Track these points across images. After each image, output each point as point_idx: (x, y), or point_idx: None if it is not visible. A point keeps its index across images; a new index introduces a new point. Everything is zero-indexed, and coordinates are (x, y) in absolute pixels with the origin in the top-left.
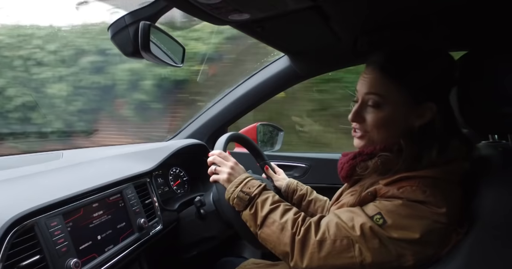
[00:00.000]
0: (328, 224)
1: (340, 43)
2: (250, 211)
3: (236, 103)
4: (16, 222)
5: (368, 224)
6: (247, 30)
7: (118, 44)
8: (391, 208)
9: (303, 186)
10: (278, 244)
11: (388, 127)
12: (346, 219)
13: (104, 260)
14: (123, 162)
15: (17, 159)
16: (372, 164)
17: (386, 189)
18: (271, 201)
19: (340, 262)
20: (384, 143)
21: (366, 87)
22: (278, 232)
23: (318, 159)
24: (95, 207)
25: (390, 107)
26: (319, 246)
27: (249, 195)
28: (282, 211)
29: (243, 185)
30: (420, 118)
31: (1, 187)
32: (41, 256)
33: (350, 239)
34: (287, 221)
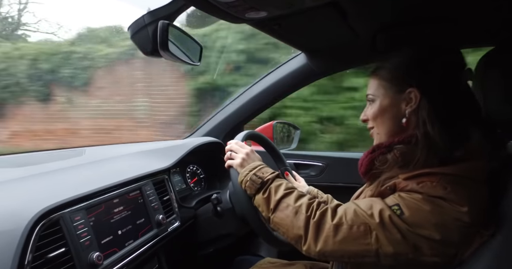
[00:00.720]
0: (346, 210)
1: (358, 40)
2: (263, 195)
3: (253, 101)
4: (43, 215)
5: (387, 212)
6: (264, 28)
7: (137, 43)
8: (410, 201)
9: (323, 194)
10: (292, 227)
11: (383, 116)
12: (365, 207)
13: (124, 254)
14: (142, 159)
15: (42, 155)
16: (391, 156)
17: (405, 183)
18: (285, 186)
19: (356, 248)
20: (401, 135)
21: (367, 91)
22: (292, 215)
23: (335, 158)
24: (116, 203)
25: (379, 99)
26: (335, 230)
27: (262, 179)
28: (296, 196)
29: (257, 170)
30: (408, 104)
31: (28, 182)
32: (66, 249)
33: (367, 226)
34: (302, 205)
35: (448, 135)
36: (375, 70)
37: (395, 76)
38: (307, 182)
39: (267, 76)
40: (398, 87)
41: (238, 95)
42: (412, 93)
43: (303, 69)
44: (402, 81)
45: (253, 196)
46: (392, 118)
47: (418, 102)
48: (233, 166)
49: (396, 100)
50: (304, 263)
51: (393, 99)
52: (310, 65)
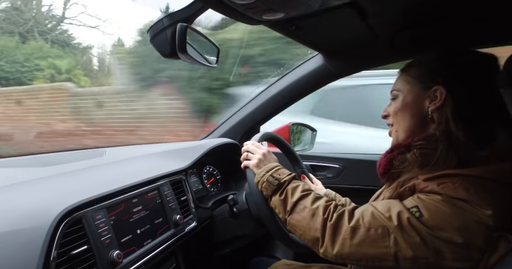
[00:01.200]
0: (363, 212)
1: (377, 40)
2: (280, 197)
3: (269, 103)
4: (66, 214)
5: (405, 215)
6: (281, 29)
7: (156, 46)
8: (429, 203)
9: (341, 198)
10: (308, 229)
11: (404, 112)
12: (382, 209)
13: (143, 253)
14: (160, 160)
15: (65, 156)
16: (410, 156)
17: (425, 184)
18: (302, 188)
19: (374, 251)
20: (421, 134)
21: (392, 88)
22: (309, 218)
23: (352, 159)
24: (135, 203)
25: (403, 94)
26: (352, 233)
27: (279, 180)
28: (313, 198)
29: (273, 171)
30: (432, 102)
31: (53, 181)
32: (88, 247)
33: (385, 229)
34: (319, 207)
35: (471, 134)
36: (404, 68)
37: (424, 73)
38: (324, 185)
39: (284, 77)
40: (425, 84)
41: (254, 97)
42: (438, 90)
43: (320, 70)
44: (429, 78)
45: (269, 198)
46: (413, 115)
47: (443, 100)
48: (249, 166)
49: (420, 97)
50: (321, 266)
51: (417, 95)
52: (327, 66)
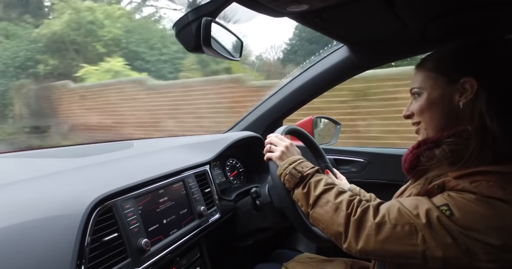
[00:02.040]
0: (389, 208)
1: (406, 30)
2: (303, 190)
3: (292, 96)
4: (98, 203)
5: (435, 212)
6: (305, 21)
7: (181, 41)
8: (461, 202)
9: (366, 193)
10: (331, 224)
11: (432, 109)
12: (410, 205)
13: (169, 242)
14: (185, 152)
15: (94, 147)
16: (439, 152)
17: (456, 182)
18: (325, 182)
19: (400, 248)
20: (450, 130)
21: (410, 85)
22: (332, 212)
23: (377, 154)
24: (161, 193)
25: (427, 91)
26: (377, 229)
27: (302, 173)
28: (336, 192)
29: (297, 164)
30: (462, 95)
31: (84, 171)
32: (119, 234)
33: (413, 226)
34: (342, 201)
35: (506, 129)
36: (421, 63)
37: (445, 66)
38: (348, 179)
39: (308, 70)
40: (449, 78)
41: (277, 90)
42: (468, 83)
43: (345, 62)
44: (453, 71)
45: (291, 190)
46: (443, 111)
47: (475, 93)
48: (272, 158)
49: (448, 91)
50: (345, 261)
51: (444, 90)
52: (352, 58)
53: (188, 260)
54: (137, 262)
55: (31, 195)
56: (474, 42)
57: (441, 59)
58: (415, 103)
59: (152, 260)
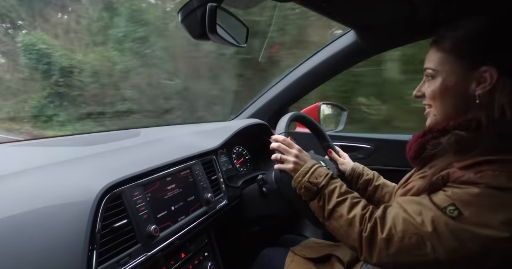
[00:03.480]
0: (394, 219)
1: (417, 13)
2: (319, 203)
3: (299, 82)
4: (107, 190)
5: (440, 218)
6: (311, 6)
7: (186, 27)
8: (467, 198)
9: (369, 171)
10: (347, 238)
11: (445, 95)
12: (414, 212)
13: (177, 228)
14: (191, 140)
15: (102, 136)
16: (445, 141)
17: (460, 173)
18: (338, 193)
19: (411, 259)
20: (457, 118)
21: (425, 63)
22: (346, 227)
23: (384, 140)
24: (169, 181)
25: (442, 76)
26: (386, 244)
27: (317, 186)
28: (349, 205)
29: (310, 174)
30: (479, 84)
31: (93, 160)
32: (128, 220)
33: (420, 236)
34: (355, 216)
35: None
36: (438, 39)
37: (467, 50)
38: None
39: (313, 56)
40: (469, 64)
41: (283, 76)
42: (487, 72)
43: (352, 47)
44: (475, 57)
45: (308, 201)
46: (456, 100)
47: (493, 83)
48: (285, 171)
49: (465, 79)
50: None
51: (461, 77)
52: (360, 43)
53: (196, 246)
54: (147, 247)
55: (44, 182)
56: (499, 25)
57: (462, 40)
58: (428, 85)
59: (162, 245)
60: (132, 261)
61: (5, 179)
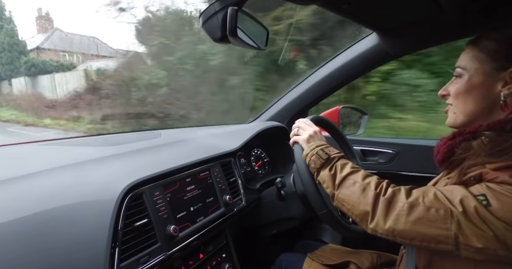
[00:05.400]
0: (424, 192)
1: (443, 14)
2: (330, 172)
3: (318, 85)
4: (129, 189)
5: (472, 202)
6: (333, 8)
7: (207, 31)
8: (500, 193)
9: None
10: (358, 204)
11: (469, 94)
12: (446, 191)
13: (196, 229)
14: (211, 142)
15: (124, 137)
16: (476, 144)
17: (494, 174)
18: (352, 165)
19: (431, 231)
20: (491, 120)
21: (456, 63)
22: (359, 192)
23: (407, 145)
24: (188, 182)
25: (469, 74)
26: (409, 209)
27: (329, 155)
28: (364, 174)
29: (324, 146)
30: (506, 85)
31: (116, 160)
32: (149, 220)
33: (448, 210)
34: (370, 182)
35: None
36: (474, 40)
37: (500, 50)
38: (375, 170)
39: (334, 59)
40: (499, 64)
41: (303, 79)
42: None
43: (373, 50)
44: (506, 57)
45: (317, 172)
46: (479, 99)
47: None
48: (298, 141)
49: (491, 78)
50: (370, 253)
51: (487, 76)
52: (382, 45)
53: (214, 247)
54: (167, 247)
55: (70, 181)
56: None
57: (498, 40)
58: (454, 84)
59: (181, 245)
60: (152, 260)
61: (35, 177)
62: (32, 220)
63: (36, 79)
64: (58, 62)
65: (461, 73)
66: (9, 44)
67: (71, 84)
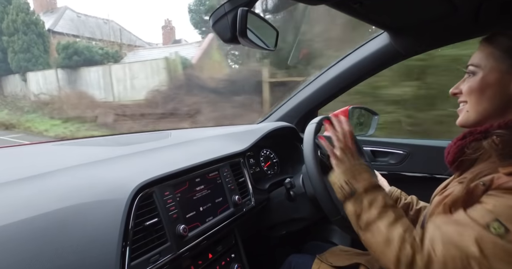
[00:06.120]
0: (432, 242)
1: (456, 12)
2: (354, 208)
3: (328, 85)
4: (140, 189)
5: (486, 238)
6: (343, 8)
7: (217, 32)
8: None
9: (407, 196)
10: (382, 257)
11: (482, 93)
12: (454, 233)
13: (205, 229)
14: (220, 142)
15: (134, 137)
16: (487, 144)
17: (506, 179)
18: (381, 202)
19: None
20: (501, 119)
21: (469, 61)
22: (383, 245)
23: (418, 145)
24: (198, 182)
25: (483, 72)
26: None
27: (353, 189)
28: (390, 220)
29: (350, 176)
30: None
31: (127, 159)
32: (159, 219)
33: (465, 259)
34: (394, 235)
35: None
36: (490, 37)
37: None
38: (385, 171)
39: (344, 59)
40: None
41: (313, 79)
42: None
43: (384, 50)
44: None
45: (342, 202)
46: (494, 98)
47: None
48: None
49: (507, 77)
50: None
51: (502, 74)
52: (393, 45)
53: (223, 247)
54: (176, 246)
55: (81, 180)
56: None
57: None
58: (466, 82)
59: (190, 245)
60: (162, 259)
61: (48, 176)
62: (45, 219)
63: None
64: (103, 49)
65: (474, 70)
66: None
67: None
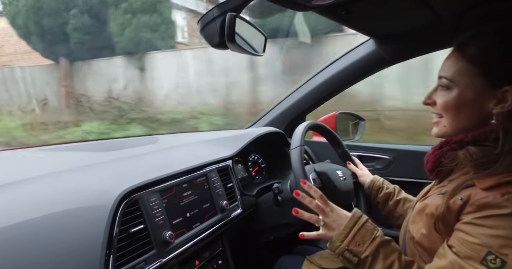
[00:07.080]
0: None
1: (439, 21)
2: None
3: (316, 91)
4: (125, 195)
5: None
6: (330, 15)
7: (205, 37)
8: (501, 233)
9: (390, 185)
10: None
11: (459, 110)
12: None
13: (192, 235)
14: (207, 147)
15: (121, 142)
16: (462, 154)
17: (484, 194)
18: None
19: None
20: (476, 131)
21: (441, 70)
22: None
23: (403, 151)
24: (185, 188)
25: (459, 89)
26: None
27: (358, 257)
28: None
29: (350, 239)
30: (499, 104)
31: (112, 165)
32: (144, 226)
33: None
34: None
35: None
36: (460, 47)
37: (492, 64)
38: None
39: (331, 65)
40: (491, 80)
41: (301, 85)
42: (510, 92)
43: (371, 56)
44: (500, 74)
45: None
46: (470, 115)
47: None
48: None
49: (483, 95)
50: None
51: (479, 93)
52: (379, 52)
53: (211, 254)
54: (162, 253)
55: (65, 187)
56: None
57: (489, 51)
58: (440, 95)
59: (176, 252)
60: (147, 267)
61: (30, 182)
62: (28, 226)
63: None
64: None
65: (448, 85)
66: None
67: None
